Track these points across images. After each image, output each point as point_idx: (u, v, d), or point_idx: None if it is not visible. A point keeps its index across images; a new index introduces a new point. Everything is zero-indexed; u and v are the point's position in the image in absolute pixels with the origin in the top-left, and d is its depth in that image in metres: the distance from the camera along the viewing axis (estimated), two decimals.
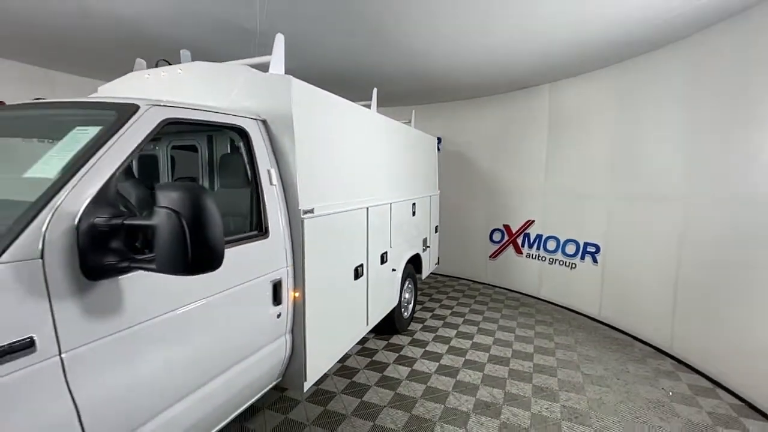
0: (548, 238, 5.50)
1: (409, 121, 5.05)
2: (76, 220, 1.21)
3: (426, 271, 4.92)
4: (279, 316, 2.13)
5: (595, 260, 4.83)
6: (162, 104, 1.62)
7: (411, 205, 4.22)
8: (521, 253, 5.88)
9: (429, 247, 4.99)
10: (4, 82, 4.50)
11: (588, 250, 4.92)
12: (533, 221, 5.72)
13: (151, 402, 1.45)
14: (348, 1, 3.01)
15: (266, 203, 2.06)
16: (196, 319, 1.62)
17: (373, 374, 3.39)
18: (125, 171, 1.46)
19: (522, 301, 5.51)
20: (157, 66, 2.88)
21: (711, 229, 3.39)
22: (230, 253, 1.72)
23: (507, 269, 6.08)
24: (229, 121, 1.97)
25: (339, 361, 3.56)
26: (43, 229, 1.15)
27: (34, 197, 1.22)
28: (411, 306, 4.54)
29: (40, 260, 1.14)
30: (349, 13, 3.21)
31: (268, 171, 2.11)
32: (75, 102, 1.72)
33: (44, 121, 1.83)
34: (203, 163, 2.86)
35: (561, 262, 5.30)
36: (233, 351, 1.85)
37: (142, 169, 2.98)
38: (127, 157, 1.42)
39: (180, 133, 2.92)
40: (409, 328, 4.44)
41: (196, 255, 1.20)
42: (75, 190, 1.24)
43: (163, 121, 1.59)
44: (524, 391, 3.18)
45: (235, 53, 3.77)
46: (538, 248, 5.64)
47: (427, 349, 3.92)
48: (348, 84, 5.17)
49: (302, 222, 2.19)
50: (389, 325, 3.99)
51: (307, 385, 2.30)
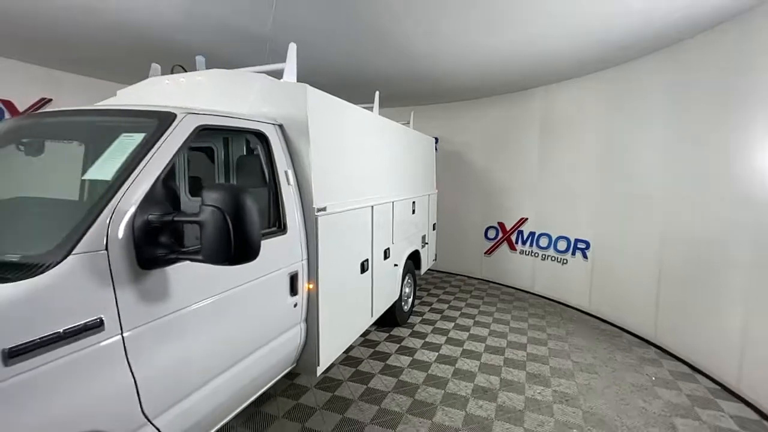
0: (541, 235, 5.74)
1: (408, 122, 5.23)
2: (132, 217, 1.39)
3: (424, 267, 5.12)
4: (295, 305, 2.31)
5: (585, 256, 5.07)
6: (196, 112, 1.79)
7: (411, 204, 4.42)
8: (515, 249, 6.11)
9: (427, 243, 5.19)
10: (12, 82, 4.60)
11: (578, 246, 5.16)
12: (527, 219, 5.95)
13: (193, 377, 1.63)
14: (353, 11, 3.19)
15: (284, 202, 2.24)
16: (229, 305, 1.81)
17: (377, 363, 3.59)
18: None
19: (516, 296, 5.75)
20: (172, 71, 3.04)
21: (690, 228, 3.64)
22: None
23: (502, 265, 6.31)
24: (251, 127, 2.14)
25: (344, 352, 3.75)
26: (107, 224, 1.33)
27: (94, 197, 1.39)
28: (411, 300, 4.75)
29: (105, 252, 1.31)
30: (354, 22, 3.40)
31: (286, 172, 2.29)
32: (118, 110, 1.88)
33: (93, 127, 1.98)
34: (219, 164, 3.02)
35: (553, 258, 5.54)
36: (258, 336, 2.03)
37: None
38: (170, 161, 1.59)
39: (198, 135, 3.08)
40: (408, 321, 4.65)
41: (238, 247, 1.39)
42: (129, 191, 1.42)
43: (198, 127, 1.77)
44: (519, 377, 3.40)
45: (246, 59, 3.94)
46: (531, 245, 5.88)
47: (426, 340, 4.13)
48: (351, 85, 5.35)
49: (316, 219, 2.38)
50: (390, 318, 4.19)
51: (319, 370, 2.49)
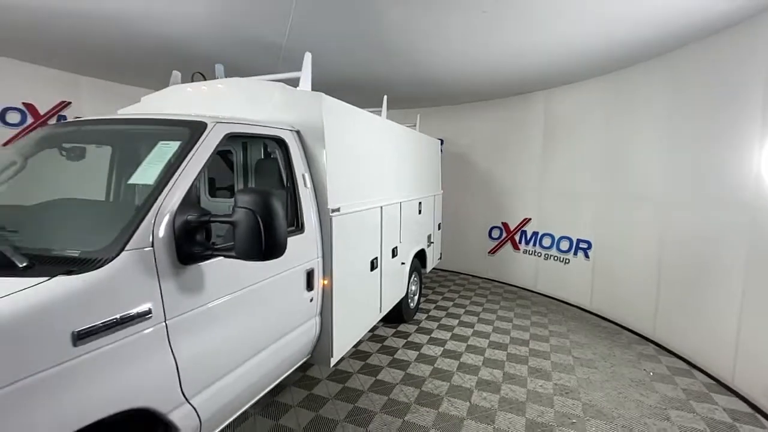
0: (544, 235, 5.87)
1: (415, 125, 5.38)
2: (172, 217, 1.55)
3: (430, 266, 5.28)
4: (311, 300, 2.48)
5: (587, 256, 5.20)
6: (224, 121, 1.96)
7: (417, 204, 4.57)
8: (518, 249, 6.25)
9: (433, 243, 5.34)
10: (34, 86, 4.80)
11: (580, 246, 5.29)
12: (530, 219, 6.09)
13: (223, 363, 1.80)
14: (363, 22, 3.35)
15: (302, 203, 2.40)
16: (254, 298, 1.98)
17: (385, 357, 3.75)
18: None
19: (519, 294, 5.89)
20: (192, 79, 3.21)
21: (688, 229, 3.76)
22: None
23: (505, 264, 6.45)
24: (271, 133, 2.31)
25: (353, 346, 3.91)
26: (152, 224, 1.49)
27: (127, 199, 1.56)
28: (417, 297, 4.90)
29: (152, 248, 1.48)
30: (364, 32, 3.56)
31: (303, 175, 2.46)
32: (153, 119, 2.05)
33: (132, 134, 2.16)
34: (238, 167, 3.19)
35: (555, 258, 5.67)
36: (278, 327, 2.20)
37: None
38: (203, 166, 1.76)
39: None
40: (415, 317, 4.80)
41: (268, 244, 1.55)
42: (169, 194, 1.58)
43: (226, 135, 1.93)
44: (521, 371, 3.55)
45: (260, 66, 4.11)
46: (534, 245, 6.01)
47: (432, 335, 4.29)
48: (360, 90, 5.51)
49: (331, 219, 2.54)
50: (397, 315, 4.34)
51: (333, 361, 2.65)
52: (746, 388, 3.14)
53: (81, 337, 1.23)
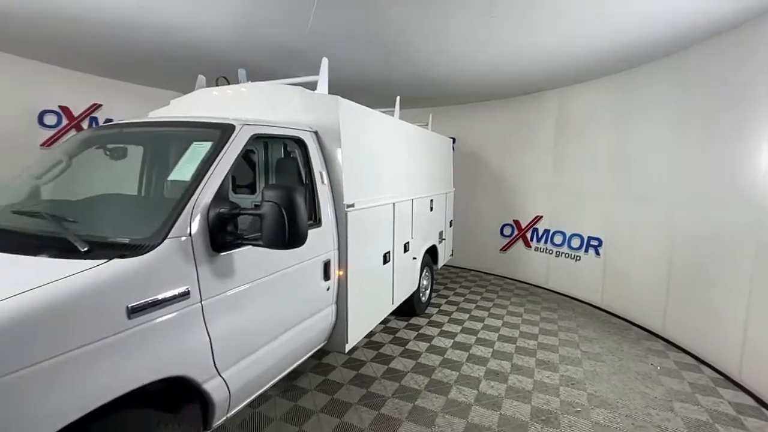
0: (555, 232, 5.93)
1: (427, 124, 5.51)
2: (206, 210, 1.75)
3: (441, 262, 5.41)
4: (328, 289, 2.65)
5: (597, 253, 5.25)
6: (250, 123, 2.15)
7: (429, 201, 4.71)
8: (530, 246, 6.32)
9: (444, 239, 5.47)
10: (68, 89, 5.12)
11: (591, 243, 5.34)
12: (541, 217, 6.15)
13: (250, 342, 1.99)
14: (377, 27, 3.50)
15: (319, 198, 2.58)
16: (278, 284, 2.17)
17: (397, 347, 3.92)
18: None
19: (530, 291, 5.97)
20: (217, 83, 3.43)
21: (696, 227, 3.81)
22: None
23: (517, 261, 6.53)
24: (292, 134, 2.49)
25: (366, 337, 4.09)
26: (189, 216, 1.69)
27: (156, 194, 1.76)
28: (428, 292, 5.05)
29: (189, 237, 1.67)
30: (378, 36, 3.72)
31: (321, 173, 2.63)
32: (187, 122, 2.26)
33: (169, 136, 2.39)
34: (260, 165, 3.39)
35: (567, 255, 5.73)
36: (299, 312, 2.39)
37: None
38: (232, 165, 1.95)
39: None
40: (426, 311, 4.95)
41: (291, 234, 1.73)
42: (204, 190, 1.78)
43: (252, 136, 2.12)
44: (529, 363, 3.66)
45: (282, 70, 4.33)
46: (545, 242, 6.08)
47: (443, 328, 4.43)
48: (374, 90, 5.68)
49: (346, 214, 2.71)
50: (409, 308, 4.49)
51: (348, 347, 2.83)
52: (753, 383, 3.19)
53: (134, 311, 1.43)
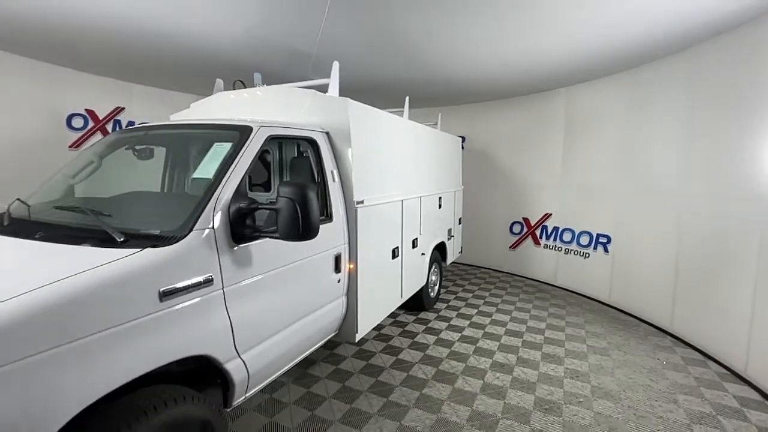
0: (564, 230, 5.97)
1: (436, 123, 5.62)
2: (227, 205, 1.91)
3: (450, 258, 5.51)
4: (339, 281, 2.80)
5: (606, 250, 5.28)
6: (267, 125, 2.31)
7: (438, 199, 4.83)
8: (539, 244, 6.37)
9: (453, 236, 5.57)
10: (93, 94, 5.39)
11: (600, 240, 5.37)
12: (550, 214, 6.20)
13: (267, 327, 2.16)
14: (388, 30, 3.64)
15: (331, 195, 2.73)
16: (292, 275, 2.33)
17: (406, 340, 4.05)
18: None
19: (539, 288, 6.02)
20: (234, 86, 3.61)
21: (703, 223, 3.83)
22: None
23: (526, 259, 6.58)
24: (305, 135, 2.65)
25: (375, 329, 4.23)
26: (212, 210, 1.85)
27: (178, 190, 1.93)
28: (437, 287, 5.16)
29: (212, 229, 1.84)
30: (388, 39, 3.86)
31: (332, 171, 2.78)
32: (209, 124, 2.43)
33: (192, 137, 2.58)
34: (275, 163, 3.56)
35: (575, 252, 5.76)
36: (311, 302, 2.55)
37: None
38: (250, 164, 2.12)
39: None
40: (435, 306, 5.07)
41: (304, 227, 1.88)
42: (225, 187, 1.94)
43: (268, 137, 2.28)
44: (534, 356, 3.75)
45: (295, 73, 4.50)
46: (554, 239, 6.12)
47: (451, 323, 4.54)
48: (383, 91, 5.81)
49: (356, 210, 2.85)
50: (418, 302, 4.62)
51: (358, 337, 2.97)
52: (758, 378, 3.22)
53: (165, 295, 1.60)
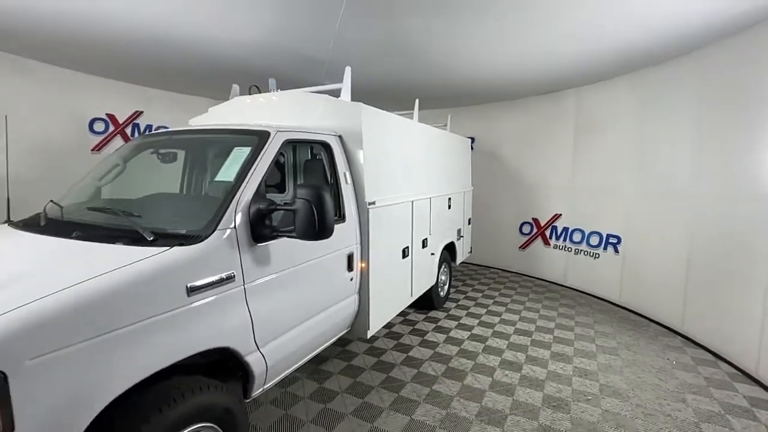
0: (574, 230, 5.98)
1: (446, 124, 5.69)
2: (248, 206, 2.02)
3: (459, 258, 5.58)
4: (351, 279, 2.90)
5: (616, 250, 5.29)
6: (283, 129, 2.42)
7: (447, 200, 4.90)
8: (549, 244, 6.39)
9: (462, 237, 5.64)
10: (113, 98, 5.59)
11: (610, 241, 5.38)
12: (560, 215, 6.21)
13: (284, 322, 2.26)
14: (396, 35, 3.73)
15: (343, 197, 2.83)
16: (308, 272, 2.44)
17: (416, 338, 4.13)
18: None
19: (548, 288, 6.04)
20: (249, 91, 3.74)
21: (714, 223, 3.83)
22: None
23: (535, 259, 6.60)
24: (319, 138, 2.75)
25: (386, 327, 4.32)
26: (234, 211, 1.97)
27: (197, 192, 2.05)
28: (446, 287, 5.23)
29: (234, 229, 1.95)
30: (397, 44, 3.95)
31: (344, 173, 2.88)
32: (229, 129, 2.56)
33: (213, 141, 2.71)
34: (288, 166, 3.68)
35: (585, 253, 5.77)
36: (325, 299, 2.65)
37: None
38: (269, 167, 2.23)
39: None
40: (444, 305, 5.14)
41: (320, 227, 1.98)
42: (245, 189, 2.05)
43: (285, 141, 2.39)
44: (543, 355, 3.79)
45: (308, 78, 4.63)
46: (564, 240, 6.13)
47: (460, 322, 4.61)
48: (394, 94, 5.91)
49: (368, 211, 2.95)
50: (428, 301, 4.70)
51: (369, 333, 3.07)
52: None
53: (192, 291, 1.71)
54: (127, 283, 1.49)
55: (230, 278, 1.90)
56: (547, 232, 6.41)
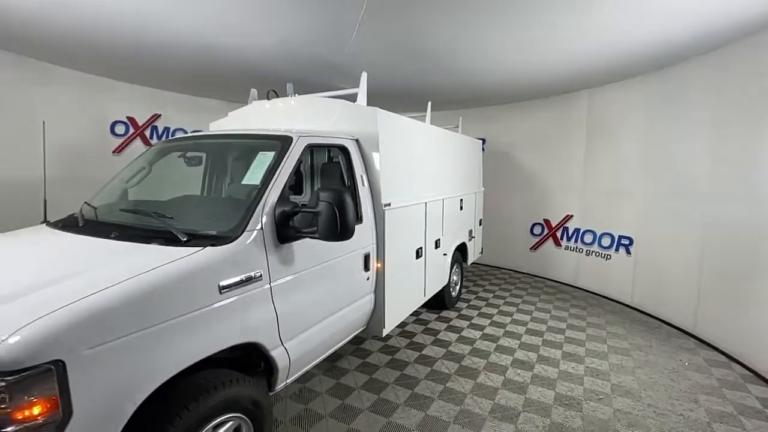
0: (585, 231, 6.00)
1: (457, 126, 5.75)
2: (273, 208, 2.12)
3: (471, 259, 5.64)
4: (368, 279, 2.99)
5: (628, 252, 5.29)
6: (305, 134, 2.52)
7: (459, 201, 4.96)
8: (560, 245, 6.41)
9: (474, 237, 5.69)
10: (133, 102, 5.76)
11: (622, 242, 5.39)
12: (572, 216, 6.23)
13: (306, 319, 2.37)
14: (411, 40, 3.81)
15: (360, 198, 2.92)
16: (328, 272, 2.53)
17: (429, 337, 4.21)
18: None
19: (560, 289, 6.07)
20: (267, 96, 3.85)
21: (728, 225, 3.84)
22: None
23: (546, 260, 6.62)
24: (338, 142, 2.85)
25: (399, 326, 4.41)
26: (261, 213, 2.07)
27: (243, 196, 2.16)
28: (458, 287, 5.29)
29: (261, 230, 2.05)
30: (412, 49, 4.03)
31: (361, 176, 2.97)
32: (252, 134, 2.67)
33: (238, 146, 2.83)
34: (306, 168, 3.79)
35: (597, 254, 5.79)
36: (343, 297, 2.75)
37: None
38: (292, 171, 2.33)
39: None
40: (456, 305, 5.20)
41: (342, 229, 2.07)
42: (270, 192, 2.16)
43: (307, 146, 2.49)
44: (555, 355, 3.84)
45: (325, 83, 4.73)
46: (576, 241, 6.15)
47: (472, 321, 4.67)
48: (407, 96, 5.98)
49: (384, 212, 3.04)
50: (440, 301, 4.77)
51: (385, 331, 3.16)
52: None
53: (223, 289, 1.82)
54: (169, 280, 1.60)
55: (258, 277, 2.00)
56: (559, 233, 6.43)
